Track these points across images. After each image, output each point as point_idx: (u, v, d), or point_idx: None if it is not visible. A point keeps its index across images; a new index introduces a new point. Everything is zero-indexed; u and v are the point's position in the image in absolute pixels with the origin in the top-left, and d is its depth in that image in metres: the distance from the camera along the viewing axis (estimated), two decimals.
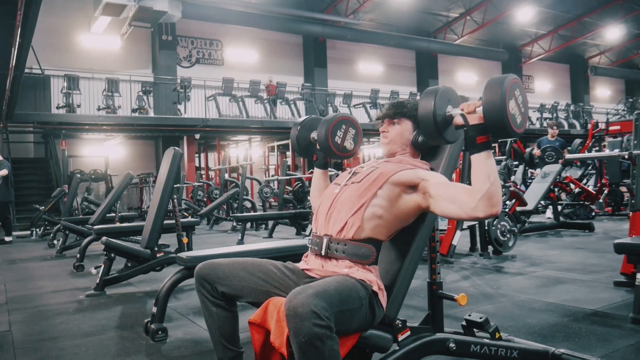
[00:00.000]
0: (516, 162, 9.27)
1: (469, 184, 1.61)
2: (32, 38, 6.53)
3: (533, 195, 6.87)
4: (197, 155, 17.10)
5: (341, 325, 1.47)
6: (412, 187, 1.70)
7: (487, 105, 1.50)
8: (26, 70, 9.66)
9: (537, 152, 8.00)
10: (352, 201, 1.71)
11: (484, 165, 1.54)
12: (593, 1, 20.13)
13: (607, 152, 8.15)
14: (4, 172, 8.27)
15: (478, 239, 5.22)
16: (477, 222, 5.16)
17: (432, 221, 1.83)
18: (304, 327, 1.33)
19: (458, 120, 1.61)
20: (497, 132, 1.53)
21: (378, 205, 1.69)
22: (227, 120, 14.87)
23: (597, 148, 10.26)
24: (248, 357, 1.80)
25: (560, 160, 7.42)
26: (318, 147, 2.07)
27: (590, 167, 9.80)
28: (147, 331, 2.72)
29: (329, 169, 2.16)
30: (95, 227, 5.03)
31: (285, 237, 7.43)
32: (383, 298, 1.68)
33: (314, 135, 2.09)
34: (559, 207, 7.45)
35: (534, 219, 7.82)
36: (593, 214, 8.49)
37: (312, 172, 2.13)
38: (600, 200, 8.34)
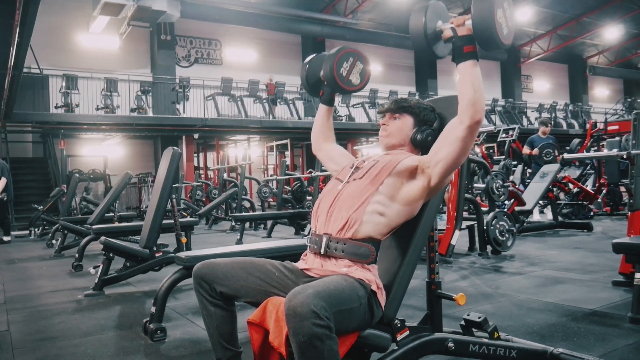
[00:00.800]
0: (515, 162, 9.27)
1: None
2: (31, 37, 6.52)
3: (532, 195, 6.88)
4: (195, 155, 17.10)
5: (340, 324, 1.47)
6: (413, 172, 1.73)
7: (475, 12, 1.54)
8: (25, 70, 9.65)
9: (534, 151, 7.95)
10: (353, 198, 1.71)
11: (469, 73, 1.59)
12: (592, 1, 20.15)
13: (605, 152, 8.15)
14: (3, 181, 8.24)
15: (477, 238, 5.23)
16: (476, 221, 5.16)
17: (431, 220, 1.83)
18: (303, 326, 1.33)
19: (447, 32, 1.64)
20: (484, 40, 1.56)
21: (379, 202, 1.69)
22: (226, 120, 14.87)
23: (596, 148, 10.26)
24: (247, 357, 1.80)
25: (558, 157, 7.41)
26: (322, 79, 2.04)
27: (588, 167, 9.81)
28: (146, 331, 2.72)
29: (322, 169, 2.16)
30: (94, 226, 5.03)
31: (284, 237, 7.43)
32: (382, 297, 1.68)
33: (322, 71, 2.06)
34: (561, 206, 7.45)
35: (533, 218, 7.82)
36: (592, 213, 8.49)
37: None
38: (599, 200, 8.35)
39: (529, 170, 8.68)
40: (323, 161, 2.17)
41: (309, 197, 9.82)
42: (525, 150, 8.10)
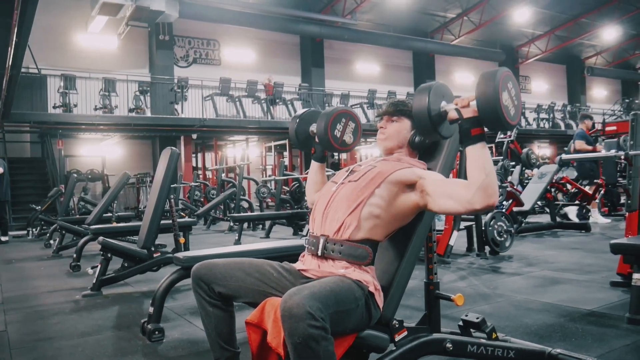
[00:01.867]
0: (513, 163, 9.28)
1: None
2: (29, 37, 6.51)
3: (530, 196, 6.89)
4: (194, 155, 17.08)
5: (337, 326, 1.47)
6: (410, 186, 1.71)
7: (480, 96, 1.51)
8: (23, 70, 9.63)
9: (598, 147, 7.66)
10: (349, 200, 1.71)
11: (479, 156, 1.55)
12: (590, 2, 20.18)
13: (603, 152, 8.16)
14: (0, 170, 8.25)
15: (475, 239, 5.23)
16: (474, 222, 5.17)
17: (429, 221, 1.83)
18: (299, 328, 1.33)
19: (452, 114, 1.62)
20: (491, 124, 1.54)
21: (375, 205, 1.69)
22: (224, 120, 14.86)
23: None
24: (245, 357, 1.80)
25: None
26: (317, 140, 2.05)
27: None
28: (144, 331, 2.72)
29: (327, 169, 2.16)
30: (92, 227, 5.02)
31: (282, 237, 7.43)
32: (379, 298, 1.68)
33: (312, 128, 2.08)
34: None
35: (531, 219, 7.83)
36: (590, 214, 8.50)
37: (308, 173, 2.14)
38: (597, 201, 8.35)
39: (527, 171, 8.66)
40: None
41: (306, 196, 9.81)
42: (583, 145, 7.70)
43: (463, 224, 5.11)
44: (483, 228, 4.99)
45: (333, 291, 1.48)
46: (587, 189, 7.72)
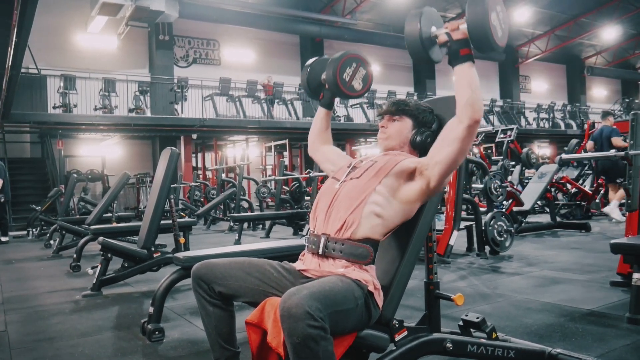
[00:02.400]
0: (513, 162, 9.29)
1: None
2: (29, 37, 6.51)
3: (530, 196, 6.89)
4: (194, 155, 17.08)
5: (336, 325, 1.47)
6: (411, 175, 1.73)
7: (470, 16, 1.56)
8: (22, 70, 9.63)
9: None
10: (350, 198, 1.71)
11: (466, 74, 1.61)
12: (589, 2, 20.18)
13: (603, 152, 8.15)
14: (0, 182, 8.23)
15: (475, 239, 5.23)
16: (474, 222, 5.17)
17: (429, 221, 1.83)
18: (297, 328, 1.33)
19: (442, 38, 1.65)
20: (479, 43, 1.58)
21: (377, 203, 1.69)
22: (224, 120, 14.86)
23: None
24: (245, 357, 1.80)
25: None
26: (326, 85, 2.05)
27: (586, 168, 9.83)
28: (144, 331, 2.72)
29: (320, 169, 2.15)
30: (92, 227, 5.02)
31: (282, 237, 7.44)
32: (379, 298, 1.67)
33: (324, 75, 2.07)
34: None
35: (531, 219, 7.83)
36: (590, 214, 8.51)
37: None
38: (597, 201, 8.36)
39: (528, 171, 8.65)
40: (320, 162, 2.18)
41: (307, 198, 9.82)
42: (620, 142, 7.51)
43: (463, 224, 5.11)
44: (483, 228, 4.99)
45: (332, 291, 1.48)
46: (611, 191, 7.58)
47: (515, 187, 7.72)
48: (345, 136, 16.69)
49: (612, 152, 3.85)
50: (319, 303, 1.38)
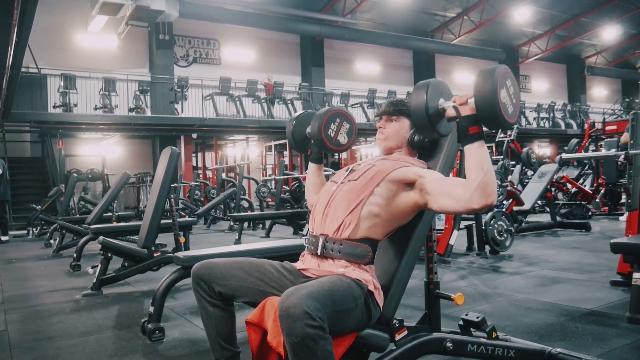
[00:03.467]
0: (513, 162, 9.28)
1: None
2: (29, 37, 6.51)
3: (530, 195, 6.89)
4: (194, 154, 17.08)
5: (336, 325, 1.47)
6: (409, 185, 1.71)
7: (478, 94, 1.50)
8: (23, 69, 9.62)
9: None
10: (348, 199, 1.71)
11: (477, 155, 1.54)
12: (590, 1, 20.19)
13: (603, 151, 8.16)
14: None
15: (475, 238, 5.23)
16: (474, 221, 5.17)
17: (429, 220, 1.83)
18: (296, 327, 1.33)
19: (450, 112, 1.61)
20: (489, 122, 1.53)
21: (375, 204, 1.69)
22: (225, 119, 14.86)
23: (594, 148, 10.28)
24: (245, 356, 1.81)
25: None
26: (312, 141, 2.07)
27: (586, 167, 9.83)
28: (144, 331, 2.72)
29: (326, 168, 2.17)
30: (92, 226, 5.02)
31: (282, 237, 7.43)
32: (379, 297, 1.67)
33: (309, 129, 2.09)
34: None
35: (531, 218, 7.83)
36: (590, 213, 8.51)
37: None
38: (597, 200, 8.36)
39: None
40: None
41: (306, 197, 9.81)
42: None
43: (463, 224, 5.11)
44: (483, 227, 4.99)
45: (331, 290, 1.48)
46: None
47: (515, 186, 7.72)
48: None
49: (612, 151, 3.84)
50: (317, 303, 1.38)
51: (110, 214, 7.12)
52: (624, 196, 8.44)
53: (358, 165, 1.88)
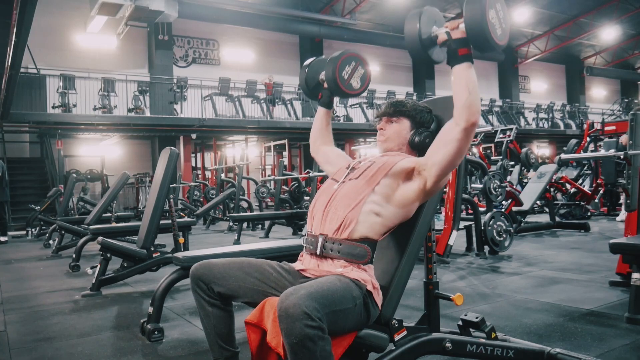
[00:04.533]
0: (512, 162, 9.29)
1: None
2: (28, 37, 6.51)
3: (529, 195, 6.89)
4: (193, 155, 17.08)
5: (334, 325, 1.47)
6: (409, 175, 1.73)
7: (467, 14, 1.53)
8: (22, 70, 9.63)
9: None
10: (349, 198, 1.71)
11: (464, 76, 1.58)
12: (589, 2, 20.19)
13: (602, 152, 8.16)
14: None
15: (474, 239, 5.23)
16: (473, 221, 5.17)
17: (428, 220, 1.83)
18: (295, 328, 1.33)
19: (442, 37, 1.64)
20: (478, 42, 1.56)
21: (375, 202, 1.69)
22: (224, 120, 14.85)
23: (593, 148, 10.29)
24: (244, 357, 1.81)
25: None
26: (325, 85, 2.05)
27: (586, 168, 9.84)
28: (143, 331, 2.72)
29: (319, 169, 2.15)
30: (91, 227, 5.02)
31: (281, 237, 7.43)
32: (378, 297, 1.67)
33: (322, 76, 2.07)
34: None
35: (530, 218, 7.84)
36: (589, 214, 8.51)
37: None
38: (596, 200, 8.37)
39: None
40: (321, 163, 2.18)
41: (306, 198, 9.83)
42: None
43: (462, 224, 5.11)
44: (482, 228, 5.00)
45: (330, 291, 1.48)
46: None
47: (514, 187, 7.72)
48: (344, 136, 16.69)
49: (611, 151, 3.85)
50: (316, 303, 1.38)
51: (109, 214, 7.12)
52: (622, 196, 8.47)
53: (359, 163, 1.88)
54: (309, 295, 1.39)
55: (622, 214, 7.31)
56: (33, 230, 9.51)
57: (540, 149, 22.07)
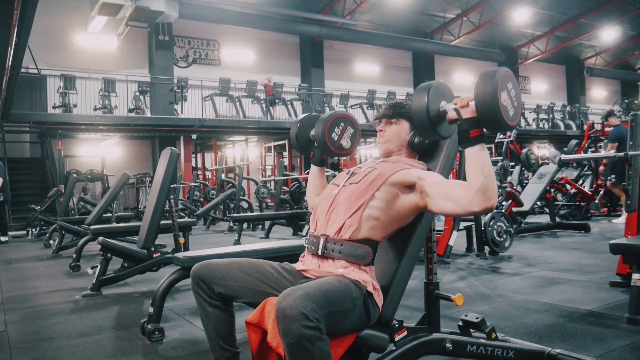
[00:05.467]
0: (512, 163, 9.28)
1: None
2: (29, 37, 6.51)
3: (529, 196, 6.89)
4: (193, 155, 17.08)
5: (333, 326, 1.47)
6: (410, 187, 1.71)
7: (478, 97, 1.50)
8: (22, 70, 9.62)
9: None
10: (349, 202, 1.71)
11: (478, 158, 1.54)
12: (589, 2, 20.20)
13: (603, 153, 8.15)
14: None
15: (474, 239, 5.23)
16: (473, 222, 5.18)
17: (429, 222, 1.83)
18: (292, 328, 1.33)
19: (452, 114, 1.60)
20: (489, 124, 1.52)
21: (375, 207, 1.70)
22: (224, 120, 14.86)
23: (593, 149, 10.28)
24: (245, 357, 1.81)
25: None
26: (315, 144, 2.08)
27: (586, 168, 9.83)
28: (144, 331, 2.72)
29: (326, 169, 2.15)
30: (92, 227, 5.02)
31: (282, 238, 7.44)
32: (378, 298, 1.68)
33: (313, 132, 2.10)
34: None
35: (530, 219, 7.83)
36: (589, 214, 8.51)
37: (308, 173, 2.14)
38: (596, 201, 8.36)
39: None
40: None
41: (306, 198, 9.81)
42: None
43: (462, 225, 5.11)
44: (482, 228, 5.00)
45: (328, 291, 1.48)
46: None
47: (514, 187, 7.72)
48: None
49: (612, 152, 3.85)
50: (314, 304, 1.38)
51: (109, 214, 7.12)
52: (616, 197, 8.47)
53: (359, 168, 1.88)
54: (307, 296, 1.39)
55: (623, 216, 7.30)
56: (33, 230, 9.51)
57: (541, 150, 22.07)
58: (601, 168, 7.86)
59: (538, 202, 7.55)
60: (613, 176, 7.19)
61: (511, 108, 1.53)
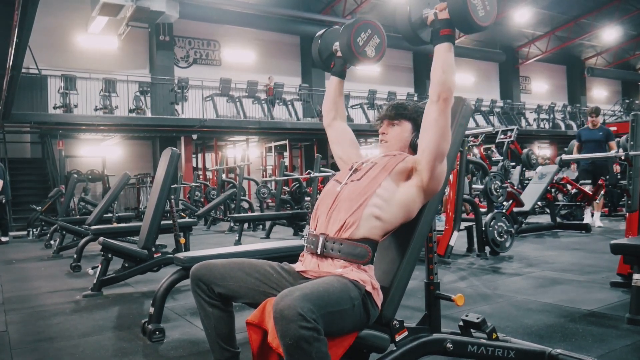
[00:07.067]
0: (513, 163, 9.28)
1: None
2: (29, 38, 6.52)
3: (530, 196, 6.89)
4: (194, 155, 17.08)
5: (332, 326, 1.47)
6: (409, 173, 1.74)
7: None
8: (23, 70, 9.64)
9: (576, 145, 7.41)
10: (351, 200, 1.71)
11: (442, 55, 1.64)
12: (590, 2, 20.19)
13: (603, 153, 8.14)
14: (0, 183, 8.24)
15: (475, 239, 5.23)
16: (474, 222, 5.17)
17: (429, 221, 1.83)
18: (290, 329, 1.33)
19: (431, 17, 1.67)
20: (459, 23, 1.61)
21: (376, 205, 1.70)
22: (225, 120, 14.87)
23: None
24: (245, 357, 1.81)
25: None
26: (339, 53, 2.02)
27: None
28: (145, 332, 2.72)
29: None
30: (92, 227, 5.02)
31: (282, 238, 7.44)
32: (378, 298, 1.68)
33: (335, 46, 2.04)
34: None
35: (531, 219, 7.83)
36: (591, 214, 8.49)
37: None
38: (597, 201, 8.34)
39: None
40: (331, 141, 2.11)
41: (307, 198, 9.82)
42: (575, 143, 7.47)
43: (463, 225, 5.11)
44: (483, 228, 4.99)
45: (326, 291, 1.48)
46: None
47: (515, 187, 7.72)
48: None
49: (612, 152, 3.85)
50: (311, 304, 1.38)
51: (110, 214, 7.12)
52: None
53: (361, 164, 1.88)
54: (304, 297, 1.39)
55: (589, 216, 7.37)
56: (34, 230, 9.52)
57: (542, 150, 22.06)
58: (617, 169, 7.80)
59: (539, 203, 7.54)
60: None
61: (482, 9, 1.60)
